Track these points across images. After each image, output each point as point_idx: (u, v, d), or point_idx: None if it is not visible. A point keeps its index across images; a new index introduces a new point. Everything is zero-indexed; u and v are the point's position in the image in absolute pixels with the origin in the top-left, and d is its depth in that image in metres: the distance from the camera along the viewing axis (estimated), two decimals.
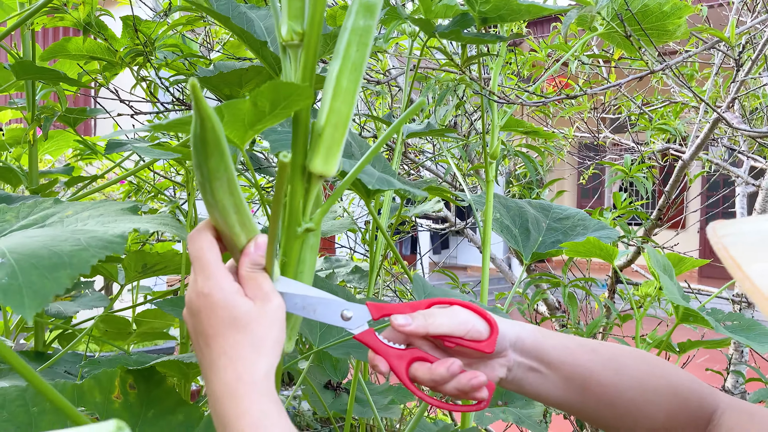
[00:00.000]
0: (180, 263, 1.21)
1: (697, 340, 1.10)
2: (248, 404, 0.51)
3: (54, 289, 0.47)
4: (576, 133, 2.11)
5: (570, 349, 0.62)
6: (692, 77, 2.20)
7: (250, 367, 0.52)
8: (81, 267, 0.49)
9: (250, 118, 0.54)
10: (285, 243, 0.58)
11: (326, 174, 0.57)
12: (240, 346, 0.52)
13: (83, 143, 1.82)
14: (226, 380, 0.52)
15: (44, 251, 0.48)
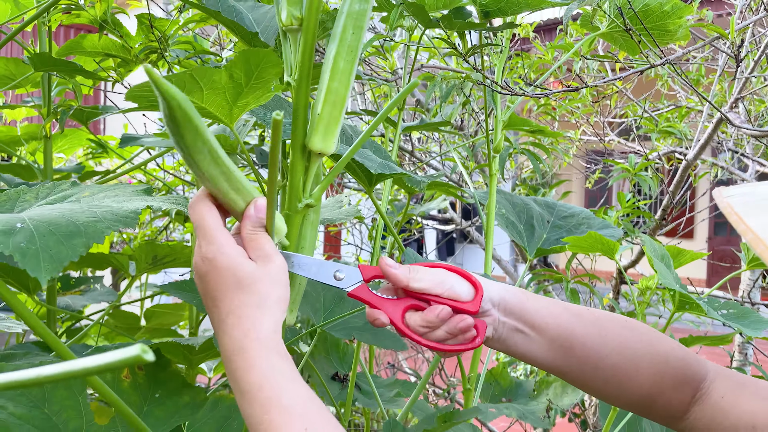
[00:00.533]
0: (189, 256, 1.23)
1: (699, 336, 1.11)
2: (256, 358, 0.53)
3: (69, 255, 0.49)
4: (582, 136, 2.12)
5: (554, 311, 0.64)
6: (698, 82, 2.21)
7: (257, 324, 0.54)
8: (95, 236, 0.51)
9: (230, 93, 0.56)
10: (286, 218, 0.61)
11: (324, 151, 0.60)
12: (245, 305, 0.54)
13: (95, 141, 1.85)
14: (235, 337, 0.54)
15: (62, 220, 0.51)
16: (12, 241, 0.48)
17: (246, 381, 0.52)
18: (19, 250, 0.47)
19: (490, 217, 0.96)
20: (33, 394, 0.77)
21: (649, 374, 0.62)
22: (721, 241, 9.74)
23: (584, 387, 0.65)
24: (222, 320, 0.55)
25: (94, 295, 1.49)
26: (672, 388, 0.62)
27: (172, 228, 2.21)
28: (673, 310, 0.81)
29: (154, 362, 0.89)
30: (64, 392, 0.75)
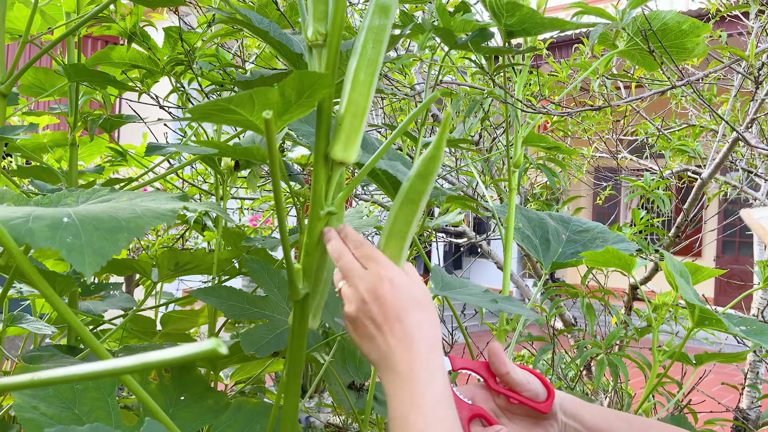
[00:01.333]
0: (211, 263, 1.26)
1: (714, 353, 1.12)
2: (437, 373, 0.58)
3: (112, 249, 0.51)
4: (594, 153, 2.14)
5: (607, 417, 0.70)
6: (710, 101, 2.23)
7: (436, 340, 0.60)
8: (137, 231, 0.54)
9: (278, 108, 0.58)
10: (309, 225, 0.64)
11: (346, 160, 0.62)
12: (426, 323, 0.60)
13: (115, 150, 1.88)
14: (421, 351, 0.58)
15: (105, 216, 0.53)
16: (59, 236, 0.50)
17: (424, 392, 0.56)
18: (66, 246, 0.49)
19: (509, 231, 0.98)
20: (64, 395, 0.79)
21: None
22: (728, 260, 9.70)
23: None
24: (408, 334, 0.59)
25: (113, 301, 1.51)
26: None
27: (187, 236, 2.24)
28: (692, 326, 0.82)
29: (179, 365, 0.91)
30: (95, 393, 0.77)
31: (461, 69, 1.77)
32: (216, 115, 0.58)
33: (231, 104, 0.54)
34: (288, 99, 0.56)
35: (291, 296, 0.65)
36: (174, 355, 0.31)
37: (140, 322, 1.62)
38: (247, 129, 0.61)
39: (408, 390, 0.57)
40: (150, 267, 1.32)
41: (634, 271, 0.99)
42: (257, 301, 0.91)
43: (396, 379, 0.58)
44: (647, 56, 1.08)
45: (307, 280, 0.66)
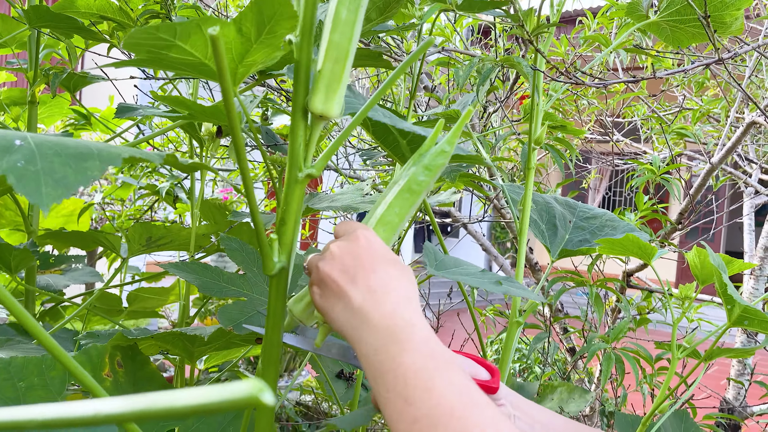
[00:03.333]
0: (187, 238, 1.14)
1: (725, 348, 1.06)
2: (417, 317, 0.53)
3: (78, 179, 0.40)
4: (588, 135, 2.08)
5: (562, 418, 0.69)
6: (702, 84, 2.18)
7: (413, 294, 0.55)
8: (111, 159, 0.43)
9: (237, 49, 0.48)
10: (286, 188, 0.55)
11: (327, 114, 0.54)
12: (402, 277, 0.55)
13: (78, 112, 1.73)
14: (399, 297, 0.53)
15: (70, 142, 0.42)
16: (6, 159, 0.39)
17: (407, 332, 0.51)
18: (15, 171, 0.38)
19: (525, 213, 0.90)
20: (6, 393, 0.67)
21: None
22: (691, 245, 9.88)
23: None
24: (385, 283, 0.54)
25: (75, 275, 1.38)
26: None
27: (156, 207, 2.10)
28: (729, 324, 0.75)
29: (132, 359, 0.80)
30: (42, 392, 0.67)
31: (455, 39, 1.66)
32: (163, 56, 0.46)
33: (175, 37, 0.43)
34: (247, 36, 0.45)
35: (264, 270, 0.57)
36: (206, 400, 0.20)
37: (105, 299, 1.50)
38: (203, 76, 0.50)
39: (390, 337, 0.51)
40: (119, 240, 1.20)
41: (653, 261, 0.91)
42: (235, 279, 0.82)
43: (373, 333, 0.52)
44: (677, 30, 0.99)
45: (283, 252, 0.57)
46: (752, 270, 1.75)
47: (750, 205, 1.91)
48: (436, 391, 0.47)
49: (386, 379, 0.49)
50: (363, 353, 0.52)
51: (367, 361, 0.51)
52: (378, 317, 0.52)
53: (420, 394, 0.47)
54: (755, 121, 1.18)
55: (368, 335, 0.52)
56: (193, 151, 1.35)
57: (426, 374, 0.48)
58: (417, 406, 0.47)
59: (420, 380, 0.48)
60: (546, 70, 0.88)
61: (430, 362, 0.49)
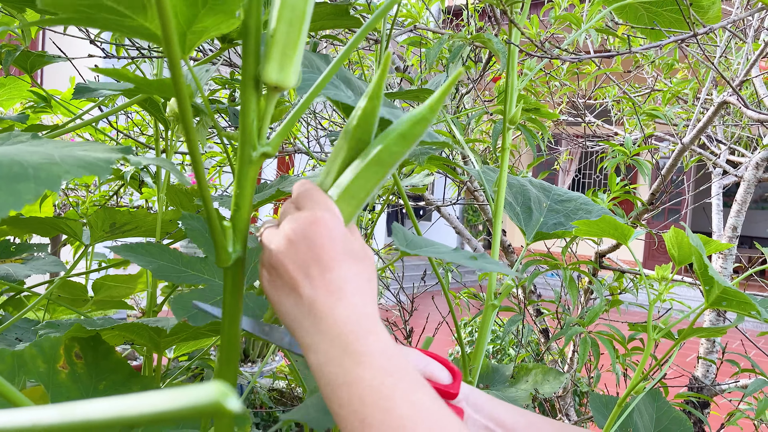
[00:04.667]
0: (153, 224, 1.10)
1: (700, 328, 1.07)
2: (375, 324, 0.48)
3: (11, 202, 0.36)
4: (560, 116, 2.07)
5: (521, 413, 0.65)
6: (672, 66, 2.19)
7: (370, 297, 0.49)
8: (48, 182, 0.38)
9: (184, 14, 0.44)
10: (238, 170, 0.50)
11: (282, 84, 0.48)
12: (360, 277, 0.50)
13: (38, 94, 1.66)
14: (355, 303, 0.48)
15: (5, 159, 0.38)
16: None
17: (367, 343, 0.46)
18: None
19: (500, 195, 0.88)
20: None
21: None
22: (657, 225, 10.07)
23: None
24: (339, 287, 0.48)
25: (37, 265, 1.33)
26: None
27: (121, 193, 2.04)
28: (707, 305, 0.75)
29: (94, 349, 0.77)
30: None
31: None
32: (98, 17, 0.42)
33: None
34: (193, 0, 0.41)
35: (218, 262, 0.52)
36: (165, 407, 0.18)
37: (69, 288, 1.45)
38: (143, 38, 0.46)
39: (345, 348, 0.46)
40: (80, 227, 1.15)
41: (630, 242, 0.91)
42: (195, 263, 0.76)
43: (326, 340, 0.46)
44: (655, 15, 0.98)
45: (238, 241, 0.53)
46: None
47: (718, 185, 1.93)
48: (396, 411, 0.43)
49: (339, 394, 0.45)
50: (313, 362, 0.47)
51: (319, 371, 0.46)
52: (331, 323, 0.47)
53: (379, 416, 0.43)
54: (726, 101, 1.18)
55: (320, 342, 0.47)
56: (158, 134, 1.30)
57: (384, 392, 0.44)
58: (375, 427, 0.43)
59: (378, 399, 0.43)
60: (520, 46, 0.86)
61: (388, 379, 0.44)
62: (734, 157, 1.98)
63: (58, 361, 0.73)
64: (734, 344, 1.88)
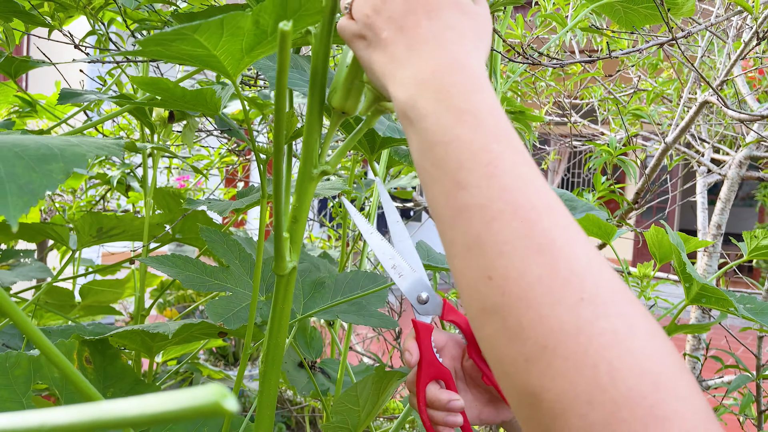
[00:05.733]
0: (141, 228, 1.10)
1: (682, 325, 1.08)
2: (484, 81, 0.41)
3: (45, 184, 0.36)
4: (546, 116, 2.09)
5: None
6: (656, 66, 2.21)
7: (477, 51, 0.43)
8: (76, 161, 0.39)
9: (248, 41, 0.46)
10: (299, 185, 0.53)
11: (349, 110, 0.52)
12: (466, 26, 0.44)
13: (22, 99, 1.66)
14: (456, 52, 0.42)
15: (30, 142, 0.39)
16: None
17: (469, 100, 0.39)
18: None
19: None
20: None
21: None
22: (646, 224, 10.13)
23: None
24: (436, 34, 0.42)
25: (24, 271, 1.32)
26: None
27: (108, 197, 2.03)
28: (687, 302, 0.76)
29: (102, 353, 0.77)
30: (5, 392, 0.63)
31: None
32: (172, 48, 0.44)
33: (195, 33, 0.41)
34: (263, 29, 0.43)
35: (276, 269, 0.54)
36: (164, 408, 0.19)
37: (56, 293, 1.44)
38: (207, 67, 0.48)
39: (443, 102, 0.40)
40: (67, 232, 1.15)
41: (612, 240, 0.92)
42: (218, 273, 0.79)
43: (420, 89, 0.41)
44: (631, 11, 0.99)
45: (294, 252, 0.55)
46: (705, 247, 1.79)
47: (703, 183, 1.95)
48: (500, 180, 0.37)
49: (434, 153, 0.39)
50: (404, 113, 0.42)
51: (410, 126, 0.41)
52: (426, 71, 0.41)
53: (476, 180, 0.37)
54: (707, 100, 1.20)
55: (417, 97, 0.41)
56: (144, 138, 1.30)
57: (488, 157, 0.38)
58: (471, 192, 0.37)
59: (479, 164, 0.37)
60: (503, 52, 0.87)
61: (495, 144, 0.38)
62: (719, 156, 2.00)
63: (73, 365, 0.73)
64: (722, 341, 1.90)
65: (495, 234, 0.36)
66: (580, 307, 0.33)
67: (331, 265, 1.31)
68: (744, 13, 1.15)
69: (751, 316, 0.68)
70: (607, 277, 0.35)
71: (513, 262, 0.35)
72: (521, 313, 0.34)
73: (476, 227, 0.37)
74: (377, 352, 2.16)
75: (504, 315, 0.35)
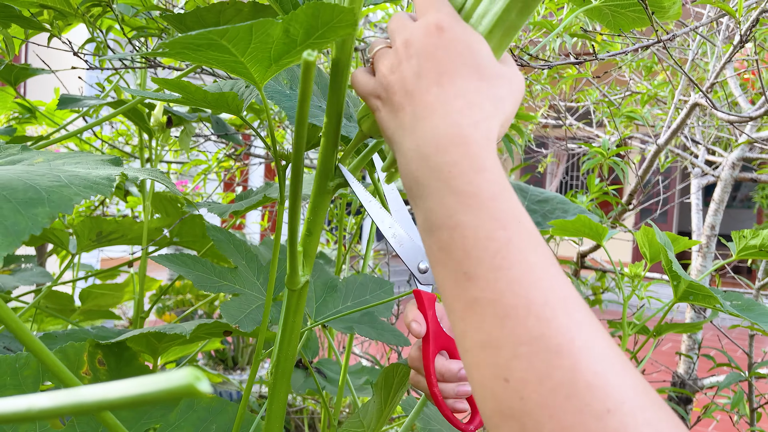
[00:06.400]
0: (139, 232, 1.12)
1: (673, 323, 1.10)
2: (487, 159, 0.38)
3: (29, 227, 0.38)
4: (541, 119, 2.10)
5: None
6: (651, 69, 2.23)
7: (490, 122, 0.40)
8: (62, 205, 0.41)
9: (277, 49, 0.46)
10: (314, 198, 0.53)
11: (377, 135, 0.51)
12: (481, 94, 0.40)
13: (22, 105, 1.67)
14: (462, 125, 0.39)
15: (18, 183, 0.40)
16: None
17: (472, 181, 0.37)
18: None
19: None
20: None
21: None
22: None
23: None
24: (445, 101, 0.40)
25: (25, 276, 1.34)
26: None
27: (107, 202, 2.05)
28: (675, 300, 0.77)
29: (117, 355, 0.78)
30: (14, 393, 0.64)
31: None
32: (198, 52, 0.44)
33: (222, 38, 0.41)
34: (293, 38, 0.43)
35: (289, 284, 0.54)
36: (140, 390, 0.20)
37: (56, 298, 1.46)
38: (233, 74, 0.48)
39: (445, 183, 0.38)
40: (67, 236, 1.17)
41: (605, 241, 0.93)
42: (227, 274, 0.79)
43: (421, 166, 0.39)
44: (619, 14, 1.01)
45: (307, 265, 0.54)
46: (700, 247, 1.80)
47: (697, 185, 1.96)
48: (509, 273, 0.35)
49: (439, 236, 0.38)
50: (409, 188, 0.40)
51: (415, 202, 0.40)
52: (430, 145, 0.39)
53: (485, 273, 0.35)
54: (698, 102, 1.21)
55: (416, 167, 0.39)
56: (143, 144, 1.31)
57: (495, 246, 0.35)
58: (479, 285, 0.35)
59: (486, 254, 0.35)
60: None
61: (502, 231, 0.36)
62: (713, 157, 2.02)
63: (82, 368, 0.74)
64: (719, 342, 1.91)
65: (509, 333, 0.34)
66: (607, 418, 0.31)
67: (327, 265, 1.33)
68: None
69: (738, 313, 0.69)
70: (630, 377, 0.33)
71: (531, 365, 0.33)
72: (543, 422, 0.32)
73: (489, 324, 0.35)
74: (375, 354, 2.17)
75: (523, 421, 0.33)
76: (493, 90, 0.41)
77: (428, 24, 0.42)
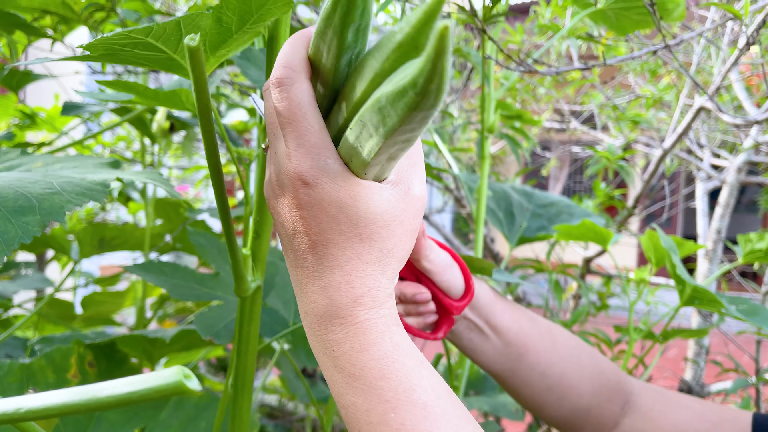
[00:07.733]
0: (142, 238, 1.11)
1: (680, 329, 1.08)
2: (373, 334, 0.37)
3: (19, 236, 0.38)
4: (546, 123, 2.10)
5: (516, 316, 0.61)
6: (656, 72, 2.22)
7: (375, 286, 0.37)
8: (53, 213, 0.40)
9: (212, 40, 0.44)
10: (259, 195, 0.50)
11: None
12: (362, 259, 0.37)
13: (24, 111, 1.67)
14: (340, 303, 0.37)
15: (9, 191, 0.40)
16: None
17: (356, 363, 0.36)
18: None
19: (481, 202, 0.90)
20: None
21: (590, 384, 0.62)
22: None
23: (524, 395, 0.62)
24: (321, 275, 0.37)
25: (25, 282, 1.33)
26: (607, 399, 0.62)
27: (108, 208, 2.04)
28: (681, 304, 0.76)
29: (108, 357, 0.77)
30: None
31: None
32: (126, 52, 0.42)
33: (149, 36, 0.40)
34: (227, 26, 0.41)
35: (238, 292, 0.49)
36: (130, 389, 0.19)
37: (56, 305, 1.45)
38: (168, 71, 0.47)
39: (333, 361, 0.37)
40: (68, 243, 1.16)
41: (610, 246, 0.92)
42: (207, 281, 0.76)
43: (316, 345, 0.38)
44: (623, 17, 1.00)
45: (258, 269, 0.50)
46: (706, 252, 1.79)
47: (702, 189, 1.95)
48: None
49: (340, 409, 0.38)
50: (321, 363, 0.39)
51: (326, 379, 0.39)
52: (313, 317, 0.38)
53: None
54: (703, 106, 1.20)
55: (309, 332, 0.39)
56: (144, 149, 1.31)
57: (384, 427, 0.35)
58: None
59: None
60: (499, 59, 0.88)
61: (392, 414, 0.35)
62: (719, 161, 2.00)
63: (69, 371, 0.73)
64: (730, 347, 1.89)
65: None
66: None
67: None
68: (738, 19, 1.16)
69: (743, 317, 0.68)
70: None
71: None
72: None
73: None
74: None
75: None
76: (378, 245, 0.37)
77: (293, 177, 0.37)
